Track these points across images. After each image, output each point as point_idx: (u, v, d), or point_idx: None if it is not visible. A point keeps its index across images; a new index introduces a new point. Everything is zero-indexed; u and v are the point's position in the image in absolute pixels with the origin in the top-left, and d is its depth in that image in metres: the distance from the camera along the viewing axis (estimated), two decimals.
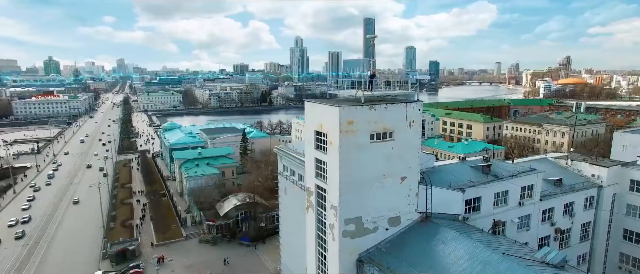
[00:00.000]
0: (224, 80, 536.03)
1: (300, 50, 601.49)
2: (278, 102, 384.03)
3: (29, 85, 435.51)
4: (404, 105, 28.10)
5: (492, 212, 36.95)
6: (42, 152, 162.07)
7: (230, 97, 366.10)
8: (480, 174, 37.95)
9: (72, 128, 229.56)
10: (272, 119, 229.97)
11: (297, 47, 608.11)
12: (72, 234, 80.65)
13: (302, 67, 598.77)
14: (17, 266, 68.23)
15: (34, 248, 74.79)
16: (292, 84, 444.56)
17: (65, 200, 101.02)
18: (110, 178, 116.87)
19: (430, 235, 28.62)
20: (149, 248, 74.61)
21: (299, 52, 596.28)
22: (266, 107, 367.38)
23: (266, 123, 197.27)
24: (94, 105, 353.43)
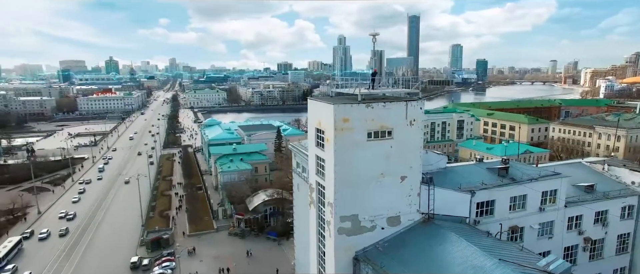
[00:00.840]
0: (268, 78, 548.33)
1: (343, 48, 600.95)
2: None
3: (92, 83, 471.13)
4: (403, 103, 27.72)
5: (507, 216, 35.35)
6: (98, 145, 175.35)
7: (272, 95, 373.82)
8: (495, 177, 36.42)
9: (125, 123, 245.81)
10: None
11: (340, 45, 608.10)
12: (116, 222, 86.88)
13: (344, 66, 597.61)
14: (70, 246, 75.08)
15: (84, 233, 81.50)
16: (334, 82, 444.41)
17: (113, 190, 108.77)
18: (153, 171, 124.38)
19: (430, 237, 28.04)
20: (182, 238, 78.74)
21: (341, 51, 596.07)
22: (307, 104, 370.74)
23: (304, 120, 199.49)
24: (146, 101, 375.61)
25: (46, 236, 78.33)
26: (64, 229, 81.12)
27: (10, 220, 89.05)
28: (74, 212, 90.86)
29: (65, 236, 79.15)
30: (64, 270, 66.65)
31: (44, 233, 78.67)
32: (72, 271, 66.46)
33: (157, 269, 65.19)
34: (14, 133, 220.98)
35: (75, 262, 69.33)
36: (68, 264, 68.43)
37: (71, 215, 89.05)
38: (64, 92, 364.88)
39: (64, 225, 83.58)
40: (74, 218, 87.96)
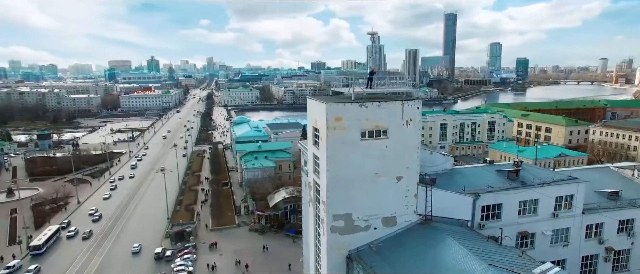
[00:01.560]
0: (301, 77, 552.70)
1: (377, 47, 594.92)
2: None
3: (134, 81, 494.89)
4: (399, 103, 27.39)
5: (516, 221, 34.04)
6: (135, 140, 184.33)
7: (304, 94, 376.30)
8: (504, 180, 35.13)
9: (161, 121, 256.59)
10: None
11: (374, 44, 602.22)
12: (145, 214, 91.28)
13: (378, 65, 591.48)
14: (101, 236, 79.69)
15: (115, 224, 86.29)
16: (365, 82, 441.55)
17: (144, 185, 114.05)
18: (184, 166, 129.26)
19: (424, 239, 27.58)
20: (204, 231, 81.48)
21: (375, 50, 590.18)
22: None
23: None
24: (183, 99, 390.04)
25: (74, 232, 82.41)
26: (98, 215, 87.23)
27: (54, 208, 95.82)
28: (99, 210, 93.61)
29: (99, 222, 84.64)
30: (95, 257, 70.94)
31: (72, 231, 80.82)
32: (102, 259, 70.60)
33: (179, 260, 67.86)
34: (64, 128, 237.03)
35: (105, 251, 73.60)
36: (99, 252, 72.78)
37: (97, 215, 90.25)
38: (109, 90, 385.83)
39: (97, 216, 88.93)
40: (99, 219, 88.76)
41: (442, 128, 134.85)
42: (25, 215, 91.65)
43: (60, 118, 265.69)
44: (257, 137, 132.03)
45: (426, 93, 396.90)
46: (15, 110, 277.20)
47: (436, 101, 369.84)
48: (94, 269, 67.53)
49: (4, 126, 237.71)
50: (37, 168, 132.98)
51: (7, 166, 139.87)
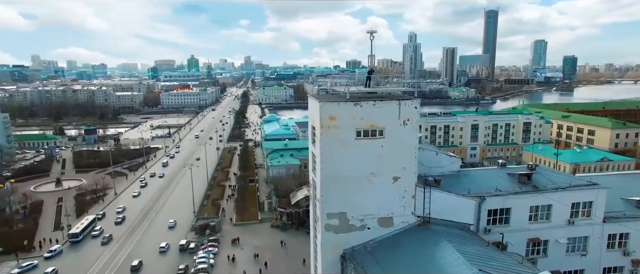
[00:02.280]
0: (336, 76, 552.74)
1: (413, 46, 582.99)
2: None
3: (175, 79, 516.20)
4: (396, 102, 27.04)
5: (526, 227, 32.63)
6: (172, 136, 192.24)
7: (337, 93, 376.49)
8: (515, 183, 33.71)
9: (197, 118, 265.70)
10: None
11: (411, 43, 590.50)
12: (175, 207, 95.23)
13: (415, 64, 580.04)
14: (132, 227, 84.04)
15: (146, 215, 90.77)
16: (401, 81, 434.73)
17: (176, 180, 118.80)
18: (215, 162, 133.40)
19: (418, 241, 27.10)
20: (228, 226, 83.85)
21: (412, 48, 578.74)
22: None
23: None
24: (219, 97, 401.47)
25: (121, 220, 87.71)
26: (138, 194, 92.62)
27: (94, 198, 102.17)
28: (129, 205, 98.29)
29: (127, 218, 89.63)
30: (126, 246, 75.07)
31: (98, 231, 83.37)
32: (132, 247, 74.55)
33: (201, 253, 70.29)
34: (109, 123, 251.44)
35: (136, 240, 77.67)
36: (129, 241, 76.90)
37: (121, 212, 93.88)
38: (151, 87, 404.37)
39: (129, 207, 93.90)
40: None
41: (473, 129, 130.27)
42: (69, 204, 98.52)
43: (106, 115, 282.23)
44: (285, 135, 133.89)
45: (462, 93, 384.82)
46: (69, 107, 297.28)
47: (473, 101, 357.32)
48: (125, 256, 71.51)
49: (59, 121, 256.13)
50: (83, 160, 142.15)
51: (58, 158, 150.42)
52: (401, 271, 24.15)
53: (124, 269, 66.44)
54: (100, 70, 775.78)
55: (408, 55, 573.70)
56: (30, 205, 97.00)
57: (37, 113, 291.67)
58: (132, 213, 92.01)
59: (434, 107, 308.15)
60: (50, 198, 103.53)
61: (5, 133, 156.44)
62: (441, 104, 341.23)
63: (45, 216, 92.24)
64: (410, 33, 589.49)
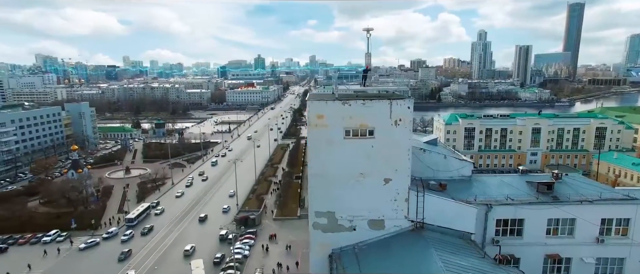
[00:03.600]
0: (398, 75, 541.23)
1: (483, 44, 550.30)
2: (448, 100, 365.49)
3: (241, 78, 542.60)
4: (387, 102, 26.15)
5: (542, 242, 29.77)
6: (231, 132, 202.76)
7: None
8: (533, 192, 30.84)
9: (257, 115, 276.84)
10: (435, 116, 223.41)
11: (480, 41, 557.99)
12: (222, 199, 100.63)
13: (484, 63, 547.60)
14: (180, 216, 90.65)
15: (195, 206, 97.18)
16: (466, 81, 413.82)
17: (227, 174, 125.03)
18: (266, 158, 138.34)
19: (406, 247, 26.00)
20: (268, 220, 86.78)
21: (481, 47, 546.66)
22: (434, 104, 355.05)
23: (418, 120, 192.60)
24: (282, 95, 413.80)
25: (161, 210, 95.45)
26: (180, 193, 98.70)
27: (153, 187, 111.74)
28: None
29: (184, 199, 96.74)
30: (173, 232, 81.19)
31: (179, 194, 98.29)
32: (178, 234, 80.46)
33: (238, 244, 73.68)
34: (179, 118, 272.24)
35: (183, 228, 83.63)
36: (177, 229, 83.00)
37: (177, 196, 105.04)
38: (219, 85, 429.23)
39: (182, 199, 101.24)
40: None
41: (534, 133, 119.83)
42: (133, 190, 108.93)
43: (177, 110, 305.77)
44: None
45: (534, 94, 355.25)
46: (147, 102, 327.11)
47: (546, 103, 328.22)
48: (171, 242, 77.42)
49: (137, 115, 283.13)
50: (151, 151, 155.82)
51: (130, 149, 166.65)
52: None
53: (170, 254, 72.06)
54: (177, 69, 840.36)
55: (477, 54, 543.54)
56: (102, 189, 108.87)
57: (121, 107, 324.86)
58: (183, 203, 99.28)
59: (501, 108, 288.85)
60: (119, 184, 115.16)
61: (92, 125, 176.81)
62: (509, 106, 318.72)
63: (113, 200, 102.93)
64: (480, 31, 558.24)
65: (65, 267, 69.58)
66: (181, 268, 67.21)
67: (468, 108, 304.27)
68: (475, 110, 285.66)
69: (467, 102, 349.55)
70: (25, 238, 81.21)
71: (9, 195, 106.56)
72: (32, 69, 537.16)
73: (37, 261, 71.64)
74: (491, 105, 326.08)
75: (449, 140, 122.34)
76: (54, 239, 79.80)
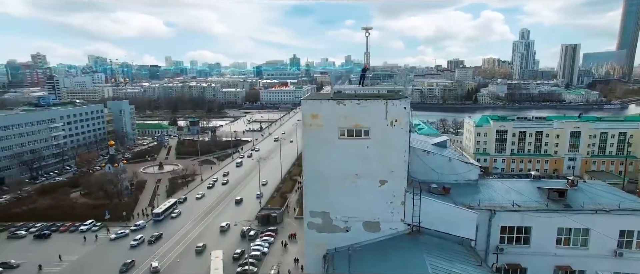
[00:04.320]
0: (434, 76, 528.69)
1: (525, 43, 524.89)
2: (485, 101, 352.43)
3: (276, 77, 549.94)
4: (382, 102, 25.67)
5: (552, 252, 28.21)
6: (262, 131, 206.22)
7: (433, 94, 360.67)
8: (543, 199, 29.16)
9: (289, 114, 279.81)
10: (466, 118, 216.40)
11: (523, 40, 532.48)
12: (247, 196, 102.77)
13: (525, 63, 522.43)
14: (206, 212, 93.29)
15: (219, 202, 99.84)
16: (506, 82, 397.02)
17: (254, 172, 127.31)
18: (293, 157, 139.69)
19: (400, 250, 25.37)
20: (290, 218, 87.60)
21: (523, 46, 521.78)
22: (470, 105, 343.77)
23: (451, 121, 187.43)
24: None
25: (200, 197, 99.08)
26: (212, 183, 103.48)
27: (183, 182, 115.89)
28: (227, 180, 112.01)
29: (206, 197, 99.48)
30: (197, 227, 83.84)
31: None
32: (201, 229, 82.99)
33: (258, 240, 74.98)
34: (214, 116, 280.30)
35: (206, 224, 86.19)
36: (201, 224, 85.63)
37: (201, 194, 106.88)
38: (253, 85, 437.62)
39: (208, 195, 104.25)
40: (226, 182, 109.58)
41: (573, 137, 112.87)
42: (164, 185, 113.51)
43: (213, 108, 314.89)
44: None
45: (580, 96, 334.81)
46: (185, 101, 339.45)
47: (594, 105, 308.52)
48: (195, 235, 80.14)
49: (175, 113, 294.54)
50: (184, 148, 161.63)
51: (165, 145, 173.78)
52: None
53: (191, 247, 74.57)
54: (216, 68, 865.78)
55: (518, 53, 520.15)
56: (136, 183, 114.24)
57: (160, 105, 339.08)
58: (210, 198, 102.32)
59: (542, 111, 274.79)
60: (152, 179, 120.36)
61: (131, 122, 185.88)
62: (551, 108, 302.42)
63: (145, 194, 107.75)
64: (523, 29, 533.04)
65: (97, 254, 73.77)
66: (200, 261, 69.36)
67: (506, 110, 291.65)
68: (514, 112, 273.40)
69: (505, 104, 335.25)
70: (65, 226, 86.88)
71: (55, 186, 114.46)
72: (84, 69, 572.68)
73: (74, 248, 76.75)
74: (531, 107, 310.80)
75: (480, 143, 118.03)
76: (90, 228, 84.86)
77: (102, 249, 75.97)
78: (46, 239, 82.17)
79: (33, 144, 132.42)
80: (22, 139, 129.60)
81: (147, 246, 75.96)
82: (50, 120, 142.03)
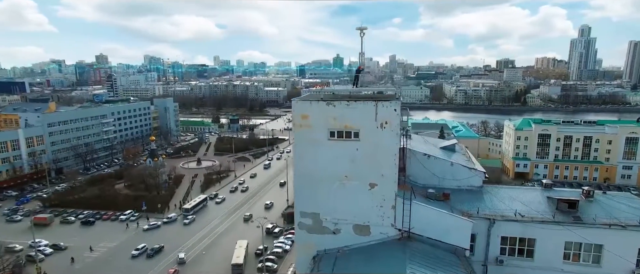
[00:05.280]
0: (482, 76, 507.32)
1: (585, 41, 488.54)
2: (535, 103, 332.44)
3: (318, 77, 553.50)
4: (372, 103, 25.08)
5: (559, 267, 26.28)
6: None
7: (478, 95, 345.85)
8: (551, 210, 27.09)
9: None
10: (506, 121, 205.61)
11: (582, 37, 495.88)
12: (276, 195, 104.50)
13: (584, 62, 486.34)
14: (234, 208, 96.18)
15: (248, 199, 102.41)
16: (560, 83, 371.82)
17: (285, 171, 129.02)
18: None
19: (386, 256, 24.67)
20: None
21: (582, 44, 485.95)
22: (518, 107, 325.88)
23: (493, 124, 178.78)
24: None
25: (222, 200, 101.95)
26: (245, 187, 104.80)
27: (217, 178, 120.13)
28: (246, 186, 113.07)
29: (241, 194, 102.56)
30: (225, 222, 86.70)
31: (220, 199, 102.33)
32: (229, 224, 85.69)
33: (281, 238, 76.07)
34: (255, 115, 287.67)
35: (234, 219, 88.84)
36: (229, 219, 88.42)
37: (245, 187, 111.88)
38: (295, 84, 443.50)
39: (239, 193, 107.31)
40: (246, 190, 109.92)
41: (629, 144, 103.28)
42: (200, 180, 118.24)
43: (255, 107, 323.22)
44: None
45: None
46: (229, 99, 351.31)
47: None
48: (224, 228, 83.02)
49: (219, 111, 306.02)
50: (222, 145, 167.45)
51: (206, 141, 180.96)
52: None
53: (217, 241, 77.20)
54: (261, 68, 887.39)
55: (576, 52, 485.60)
56: (174, 178, 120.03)
57: (205, 103, 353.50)
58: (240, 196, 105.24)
59: (600, 114, 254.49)
60: (189, 174, 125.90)
61: (174, 119, 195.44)
62: (613, 111, 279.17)
63: (181, 188, 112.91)
64: (583, 26, 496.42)
65: (130, 242, 78.54)
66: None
67: (558, 113, 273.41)
68: (567, 115, 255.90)
69: (558, 106, 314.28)
70: (108, 215, 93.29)
71: (103, 177, 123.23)
72: (140, 68, 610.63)
73: (113, 235, 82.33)
74: (589, 110, 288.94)
75: (519, 147, 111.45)
76: (128, 218, 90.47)
77: (135, 238, 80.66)
78: (91, 226, 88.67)
79: (87, 138, 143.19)
80: (78, 133, 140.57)
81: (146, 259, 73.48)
82: (102, 116, 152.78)
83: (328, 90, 31.44)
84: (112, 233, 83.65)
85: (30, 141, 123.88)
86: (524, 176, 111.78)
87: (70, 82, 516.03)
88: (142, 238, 79.84)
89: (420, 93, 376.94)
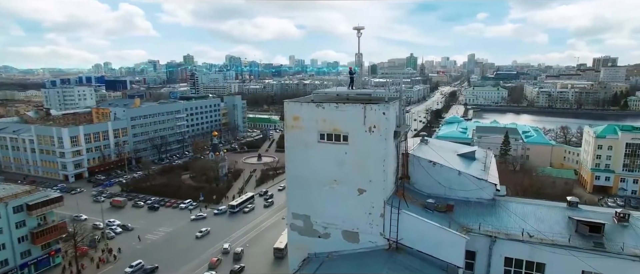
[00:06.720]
0: (572, 76, 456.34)
1: None
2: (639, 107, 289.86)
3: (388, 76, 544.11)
4: (361, 106, 24.07)
5: None
6: None
7: (564, 97, 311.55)
8: (568, 232, 23.56)
9: None
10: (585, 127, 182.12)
11: None
12: None
13: None
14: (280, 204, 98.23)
15: None
16: None
17: None
18: None
19: (370, 266, 23.52)
20: None
21: None
22: (616, 111, 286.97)
23: (575, 129, 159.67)
24: (427, 95, 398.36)
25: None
26: None
27: (272, 174, 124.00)
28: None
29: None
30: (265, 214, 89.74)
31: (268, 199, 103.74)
32: (274, 219, 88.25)
33: None
34: None
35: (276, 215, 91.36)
36: (268, 213, 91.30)
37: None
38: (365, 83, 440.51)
39: None
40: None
41: None
42: (257, 176, 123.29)
43: None
44: (457, 138, 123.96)
45: None
46: (299, 97, 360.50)
47: None
48: (269, 224, 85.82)
49: None
50: (284, 142, 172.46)
51: (270, 138, 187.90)
52: None
53: None
54: (333, 67, 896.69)
55: None
56: (233, 171, 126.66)
57: (277, 101, 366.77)
58: None
59: None
60: (249, 169, 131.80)
61: (242, 115, 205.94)
62: None
63: (239, 182, 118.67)
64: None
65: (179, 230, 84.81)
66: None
67: None
68: None
69: None
70: (170, 202, 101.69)
71: (173, 168, 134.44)
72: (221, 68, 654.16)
73: (172, 221, 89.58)
74: None
75: (600, 158, 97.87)
76: (187, 207, 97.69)
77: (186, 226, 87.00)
78: (155, 211, 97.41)
79: (162, 131, 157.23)
80: (155, 126, 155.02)
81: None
82: (176, 111, 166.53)
83: (331, 91, 30.82)
84: (172, 219, 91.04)
85: (116, 133, 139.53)
86: (606, 191, 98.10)
87: (162, 80, 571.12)
88: (190, 228, 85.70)
89: (497, 94, 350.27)
